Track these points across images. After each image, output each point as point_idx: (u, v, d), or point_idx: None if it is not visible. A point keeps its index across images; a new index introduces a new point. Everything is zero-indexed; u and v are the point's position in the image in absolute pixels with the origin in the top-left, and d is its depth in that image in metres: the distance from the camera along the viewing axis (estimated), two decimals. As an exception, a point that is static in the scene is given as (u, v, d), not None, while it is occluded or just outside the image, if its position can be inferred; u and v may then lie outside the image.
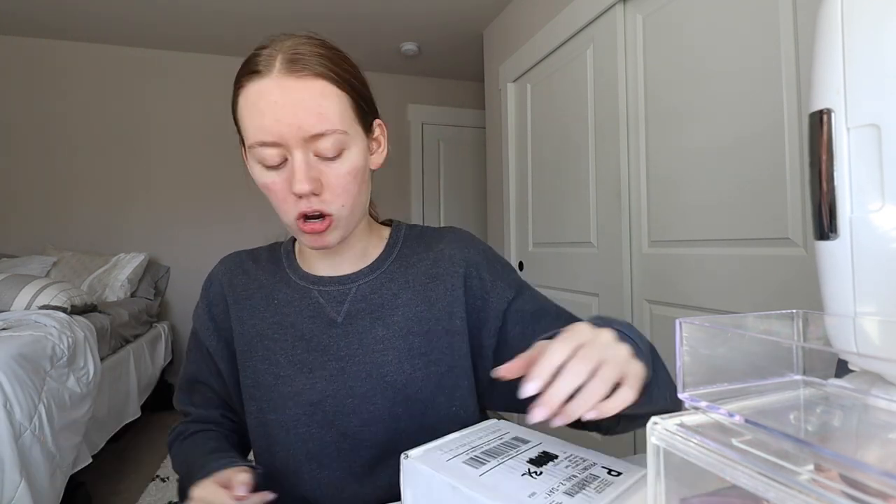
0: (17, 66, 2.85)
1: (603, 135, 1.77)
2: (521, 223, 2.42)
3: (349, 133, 0.52)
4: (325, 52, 0.52)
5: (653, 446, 0.29)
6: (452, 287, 0.61)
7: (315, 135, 0.49)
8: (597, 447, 1.77)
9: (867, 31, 0.31)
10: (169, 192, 3.09)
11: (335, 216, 0.53)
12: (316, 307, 0.60)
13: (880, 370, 0.31)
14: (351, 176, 0.53)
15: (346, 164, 0.52)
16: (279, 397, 0.58)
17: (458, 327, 0.60)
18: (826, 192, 0.33)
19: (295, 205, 0.52)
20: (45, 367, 1.42)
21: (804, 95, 1.10)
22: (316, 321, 0.60)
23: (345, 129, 0.51)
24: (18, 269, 2.41)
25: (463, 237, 0.66)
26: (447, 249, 0.63)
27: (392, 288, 0.61)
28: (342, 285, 0.61)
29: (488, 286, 0.62)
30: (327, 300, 0.60)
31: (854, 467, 0.20)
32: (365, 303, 0.60)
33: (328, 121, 0.50)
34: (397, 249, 0.64)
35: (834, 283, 0.33)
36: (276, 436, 0.58)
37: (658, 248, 1.55)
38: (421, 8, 2.61)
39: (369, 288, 0.61)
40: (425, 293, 0.61)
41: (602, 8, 1.72)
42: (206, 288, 0.66)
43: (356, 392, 0.57)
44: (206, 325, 0.65)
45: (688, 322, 0.30)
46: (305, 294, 0.61)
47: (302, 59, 0.49)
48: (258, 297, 0.62)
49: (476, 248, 0.65)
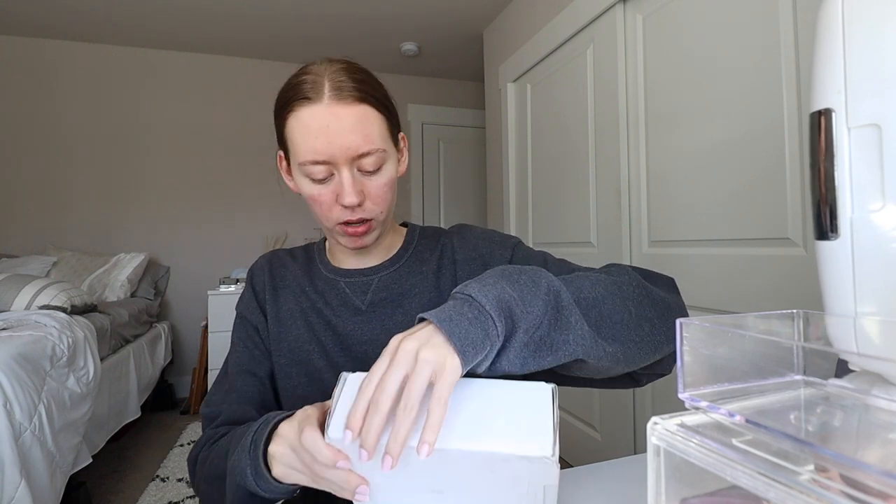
0: (17, 65, 2.85)
1: (603, 135, 1.77)
2: (522, 223, 2.42)
3: (386, 150, 0.60)
4: (364, 79, 0.59)
5: (653, 446, 0.29)
6: (454, 271, 0.69)
7: (361, 154, 0.57)
8: (597, 448, 1.77)
9: (867, 31, 0.31)
10: (169, 192, 3.09)
11: (374, 221, 0.62)
12: (343, 297, 0.68)
13: (880, 370, 0.31)
14: (387, 186, 0.61)
15: (385, 176, 0.61)
16: (316, 371, 0.65)
17: None
18: (826, 192, 0.33)
19: (341, 213, 0.60)
20: (45, 367, 1.42)
21: (804, 95, 1.10)
22: (344, 308, 0.67)
23: (384, 147, 0.59)
24: (18, 269, 2.41)
25: (461, 228, 0.75)
26: (448, 241, 0.72)
27: (410, 279, 0.69)
28: (366, 276, 0.69)
29: (486, 256, 0.69)
30: (353, 290, 0.69)
31: (854, 467, 0.20)
32: (386, 292, 0.68)
33: (372, 141, 0.58)
34: (413, 246, 0.73)
35: (834, 283, 0.33)
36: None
37: (658, 248, 1.55)
38: (421, 8, 2.61)
39: (390, 279, 0.69)
40: (435, 282, 0.69)
41: (602, 8, 1.72)
42: (250, 277, 0.73)
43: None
44: (252, 306, 0.70)
45: (688, 322, 0.30)
46: (334, 285, 0.69)
47: (346, 87, 0.57)
48: (294, 286, 0.70)
49: (472, 232, 0.73)
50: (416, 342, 0.39)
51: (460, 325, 0.40)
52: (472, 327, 0.40)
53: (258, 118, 3.25)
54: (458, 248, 0.71)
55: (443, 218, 3.68)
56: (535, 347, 0.43)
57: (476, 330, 0.40)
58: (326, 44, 3.04)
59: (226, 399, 0.66)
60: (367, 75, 0.60)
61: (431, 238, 0.74)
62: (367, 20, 2.74)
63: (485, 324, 0.41)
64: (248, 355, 0.68)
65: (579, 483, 0.49)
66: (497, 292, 0.42)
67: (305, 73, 0.59)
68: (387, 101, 0.62)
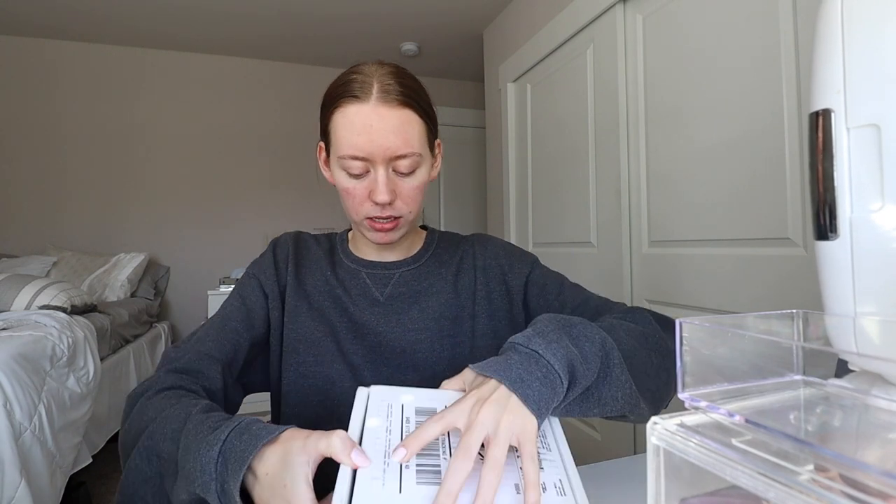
0: (17, 65, 2.85)
1: (603, 135, 1.77)
2: (522, 223, 2.42)
3: (423, 155, 0.62)
4: (410, 84, 0.62)
5: (653, 446, 0.29)
6: (474, 278, 0.73)
7: (398, 155, 0.59)
8: (597, 448, 1.77)
9: (867, 31, 0.31)
10: (169, 192, 3.09)
11: (402, 219, 0.64)
12: (363, 287, 0.70)
13: (880, 370, 0.31)
14: (419, 189, 0.64)
15: (418, 179, 0.63)
16: (327, 353, 0.66)
17: (478, 312, 0.71)
18: (826, 192, 0.33)
19: (371, 208, 0.62)
20: (45, 367, 1.42)
21: (804, 95, 1.10)
22: (362, 298, 0.69)
23: (421, 151, 0.62)
24: (18, 269, 2.41)
25: (482, 237, 0.79)
26: (469, 248, 0.76)
27: (429, 278, 0.72)
28: (388, 270, 0.71)
29: (506, 268, 0.73)
30: (373, 282, 0.70)
31: (854, 467, 0.20)
32: (406, 287, 0.70)
33: (410, 145, 0.60)
34: (433, 248, 0.76)
35: (834, 283, 0.33)
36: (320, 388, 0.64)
37: (658, 248, 1.55)
38: (421, 8, 2.61)
39: (411, 275, 0.71)
40: (454, 285, 0.72)
41: (602, 8, 1.72)
42: (273, 245, 0.74)
43: (391, 363, 0.66)
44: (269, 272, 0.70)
45: (688, 322, 0.30)
46: (355, 275, 0.71)
47: (393, 90, 0.59)
48: (315, 269, 0.72)
49: (493, 243, 0.77)
50: (494, 408, 0.39)
51: (531, 386, 0.41)
52: (543, 388, 0.42)
53: (258, 118, 3.25)
54: (479, 256, 0.74)
55: (443, 218, 3.68)
56: (583, 400, 0.46)
57: (547, 390, 0.42)
58: (327, 44, 3.04)
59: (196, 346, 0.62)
60: (413, 81, 0.63)
61: (451, 243, 0.78)
62: (367, 20, 2.73)
63: (553, 382, 0.42)
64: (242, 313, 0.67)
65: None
66: (563, 351, 0.44)
67: (356, 72, 0.62)
68: (429, 108, 0.64)
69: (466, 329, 0.69)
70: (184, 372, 0.58)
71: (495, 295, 0.72)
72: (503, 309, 0.72)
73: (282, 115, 3.29)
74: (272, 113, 3.28)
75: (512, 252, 0.76)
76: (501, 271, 0.73)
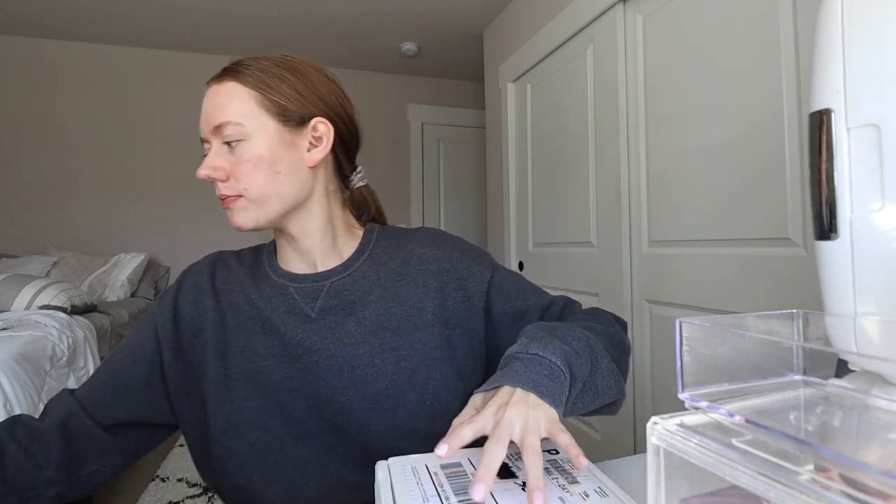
0: (17, 65, 2.85)
1: (603, 135, 1.77)
2: (521, 223, 2.42)
3: (247, 126, 0.58)
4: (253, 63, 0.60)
5: (653, 446, 0.29)
6: (424, 283, 0.65)
7: (216, 126, 0.58)
8: (597, 448, 1.77)
9: (867, 31, 0.31)
10: (169, 192, 3.09)
11: (243, 198, 0.60)
12: (291, 303, 0.64)
13: (880, 370, 0.31)
14: (252, 164, 0.59)
15: (245, 152, 0.59)
16: (261, 385, 0.60)
17: (428, 321, 0.64)
18: (826, 192, 0.33)
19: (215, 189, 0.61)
20: (45, 367, 1.42)
21: (804, 95, 1.10)
22: (291, 316, 0.63)
23: (243, 122, 0.58)
24: (18, 269, 2.41)
25: (432, 235, 0.70)
26: (417, 248, 0.68)
27: (364, 285, 0.65)
28: (316, 282, 0.65)
29: (464, 274, 0.67)
30: (302, 296, 0.64)
31: (854, 467, 0.20)
32: (337, 299, 0.63)
33: (226, 115, 0.58)
34: (369, 249, 0.68)
35: (834, 283, 0.33)
36: (259, 421, 0.59)
37: (658, 248, 1.55)
38: (421, 8, 2.61)
39: (342, 285, 0.64)
40: (395, 290, 0.65)
41: (602, 8, 1.72)
42: (181, 277, 0.68)
43: (330, 384, 0.60)
44: (167, 312, 0.64)
45: (688, 322, 0.30)
46: (282, 290, 0.65)
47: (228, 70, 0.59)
48: (238, 292, 0.66)
49: (446, 243, 0.69)
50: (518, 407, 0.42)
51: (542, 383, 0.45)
52: (553, 384, 0.45)
53: (258, 118, 3.25)
54: (429, 259, 0.67)
55: (442, 218, 3.68)
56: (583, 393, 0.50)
57: (556, 385, 0.45)
58: (327, 44, 3.04)
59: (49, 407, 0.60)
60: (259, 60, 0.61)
61: (392, 241, 0.69)
62: (367, 20, 2.74)
63: (560, 378, 0.46)
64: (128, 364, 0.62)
65: (579, 483, 0.49)
66: (559, 350, 0.48)
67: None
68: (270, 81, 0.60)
69: (412, 340, 0.63)
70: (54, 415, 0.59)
71: (450, 302, 0.65)
72: (458, 316, 0.65)
73: (282, 115, 3.29)
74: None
75: (467, 253, 0.69)
76: (459, 276, 0.66)
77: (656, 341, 1.55)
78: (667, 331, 1.51)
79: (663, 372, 1.52)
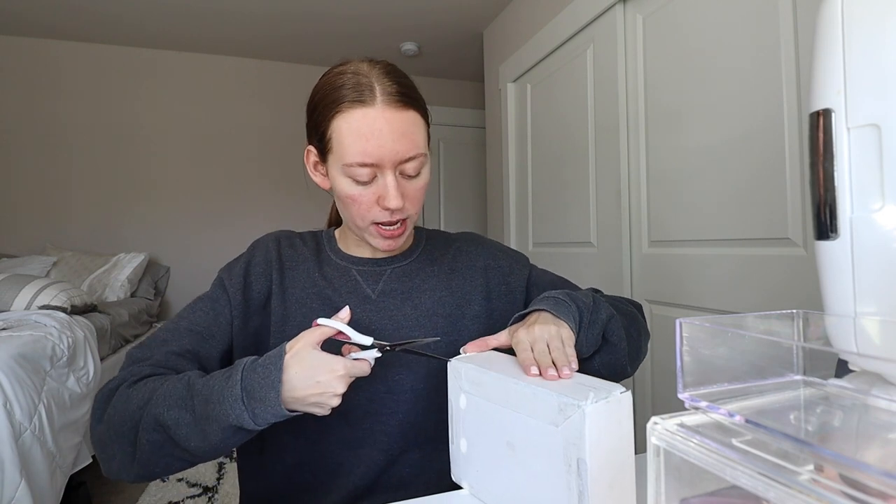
0: (17, 66, 2.85)
1: (603, 135, 1.77)
2: (521, 223, 2.42)
3: (426, 155, 0.62)
4: (407, 83, 0.61)
5: (653, 446, 0.29)
6: (471, 278, 0.73)
7: (407, 158, 0.59)
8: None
9: (867, 32, 0.31)
10: (169, 192, 3.09)
11: (409, 220, 0.65)
12: (353, 284, 0.68)
13: (880, 370, 0.31)
14: (424, 189, 0.64)
15: (423, 179, 0.63)
16: None
17: (475, 311, 0.72)
18: (826, 192, 0.33)
19: (379, 214, 0.61)
20: (45, 367, 1.42)
21: (804, 95, 1.10)
22: (353, 296, 0.67)
23: (425, 152, 0.62)
24: (18, 269, 2.41)
25: (473, 236, 0.80)
26: (464, 247, 0.77)
27: (420, 275, 0.71)
28: (378, 267, 0.70)
29: (506, 271, 0.76)
30: (364, 278, 0.69)
31: (854, 467, 0.20)
32: (398, 283, 0.69)
33: (417, 146, 0.60)
34: (422, 246, 0.75)
35: (834, 283, 0.33)
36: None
37: (658, 248, 1.55)
38: (421, 8, 2.61)
39: (402, 272, 0.71)
40: (448, 282, 0.72)
41: (602, 8, 1.72)
42: (251, 249, 0.71)
43: (384, 362, 0.63)
44: (237, 280, 0.66)
45: (688, 322, 0.30)
46: (345, 272, 0.69)
47: (396, 91, 0.59)
48: (301, 270, 0.69)
49: (488, 243, 0.79)
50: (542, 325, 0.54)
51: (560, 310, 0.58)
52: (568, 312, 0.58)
53: (259, 118, 3.25)
54: (476, 255, 0.75)
55: (442, 218, 3.68)
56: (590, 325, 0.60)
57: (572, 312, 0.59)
58: (327, 44, 3.04)
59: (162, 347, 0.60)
60: (408, 79, 0.63)
61: (440, 240, 0.78)
62: (367, 20, 2.73)
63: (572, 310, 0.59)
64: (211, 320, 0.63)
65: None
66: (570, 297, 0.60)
67: (350, 72, 0.59)
68: (425, 104, 0.64)
69: (461, 327, 0.70)
70: (156, 366, 0.58)
71: (495, 294, 0.73)
72: (501, 309, 0.73)
73: (282, 115, 3.29)
74: (273, 113, 3.28)
75: (508, 253, 0.78)
76: (502, 272, 0.75)
77: (656, 341, 1.55)
78: (667, 331, 1.51)
79: (663, 372, 1.52)
